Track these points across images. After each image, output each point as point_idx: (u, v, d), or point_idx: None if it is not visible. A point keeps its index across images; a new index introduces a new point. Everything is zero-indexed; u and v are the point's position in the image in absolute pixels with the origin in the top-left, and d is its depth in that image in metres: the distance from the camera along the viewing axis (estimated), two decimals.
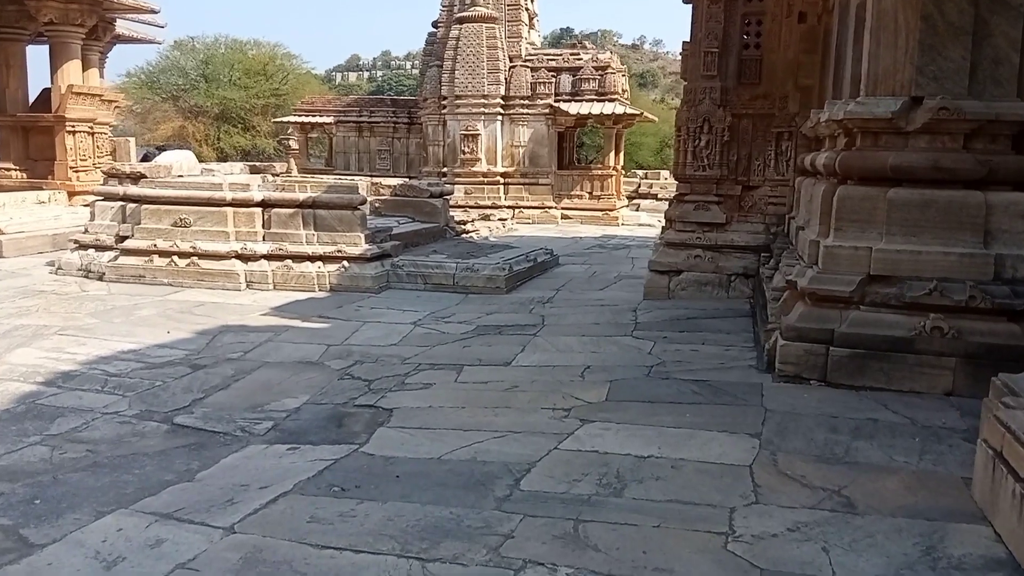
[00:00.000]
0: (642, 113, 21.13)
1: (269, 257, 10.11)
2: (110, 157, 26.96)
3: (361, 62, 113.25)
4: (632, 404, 5.30)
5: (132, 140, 30.08)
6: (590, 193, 21.12)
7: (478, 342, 7.34)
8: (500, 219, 18.70)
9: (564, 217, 20.83)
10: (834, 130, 6.13)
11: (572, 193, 21.13)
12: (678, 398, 5.40)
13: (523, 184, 21.17)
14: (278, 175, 13.29)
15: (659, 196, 25.85)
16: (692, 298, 8.97)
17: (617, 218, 20.72)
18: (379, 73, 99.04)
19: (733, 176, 9.08)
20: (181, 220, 10.19)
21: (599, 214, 20.76)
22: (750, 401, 5.31)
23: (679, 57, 10.07)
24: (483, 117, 20.93)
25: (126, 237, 10.52)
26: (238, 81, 39.17)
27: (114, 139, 29.03)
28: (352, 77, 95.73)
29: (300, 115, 25.65)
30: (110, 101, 19.16)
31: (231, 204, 10.16)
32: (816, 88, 8.57)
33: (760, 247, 8.87)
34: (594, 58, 21.00)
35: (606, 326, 7.86)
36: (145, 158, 25.10)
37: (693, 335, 7.30)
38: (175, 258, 10.05)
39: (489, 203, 20.87)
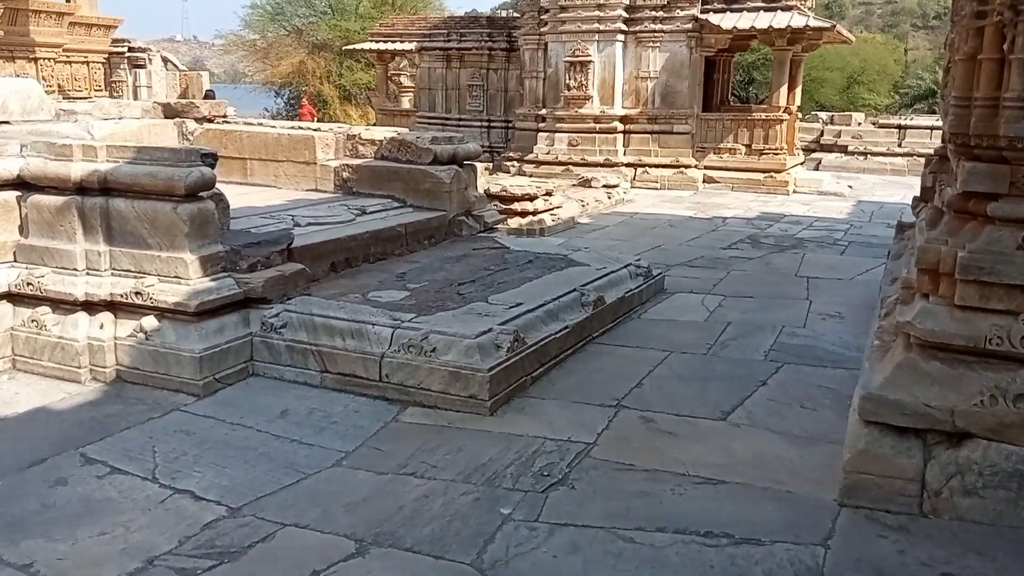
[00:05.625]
0: (834, 27, 14.21)
1: (14, 297, 4.83)
2: (180, 95, 22.99)
3: None
4: None
5: (205, 75, 26.12)
6: (748, 146, 14.58)
7: None
8: (607, 186, 12.66)
9: (708, 180, 14.48)
10: None
11: (721, 146, 14.67)
12: None
13: (651, 133, 14.93)
14: (206, 120, 8.09)
15: (849, 149, 18.80)
16: (999, 528, 2.86)
17: (787, 183, 14.14)
18: None
19: None
20: None
21: (760, 176, 14.26)
22: None
23: None
24: (597, 37, 14.76)
25: None
26: (365, 12, 34.97)
27: (186, 74, 25.12)
28: None
29: (377, 40, 20.35)
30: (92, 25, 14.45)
31: None
32: None
33: None
34: None
35: None
36: (207, 96, 20.79)
37: None
38: None
39: (601, 159, 14.83)
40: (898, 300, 3.83)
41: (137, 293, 4.56)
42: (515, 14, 18.63)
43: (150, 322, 4.54)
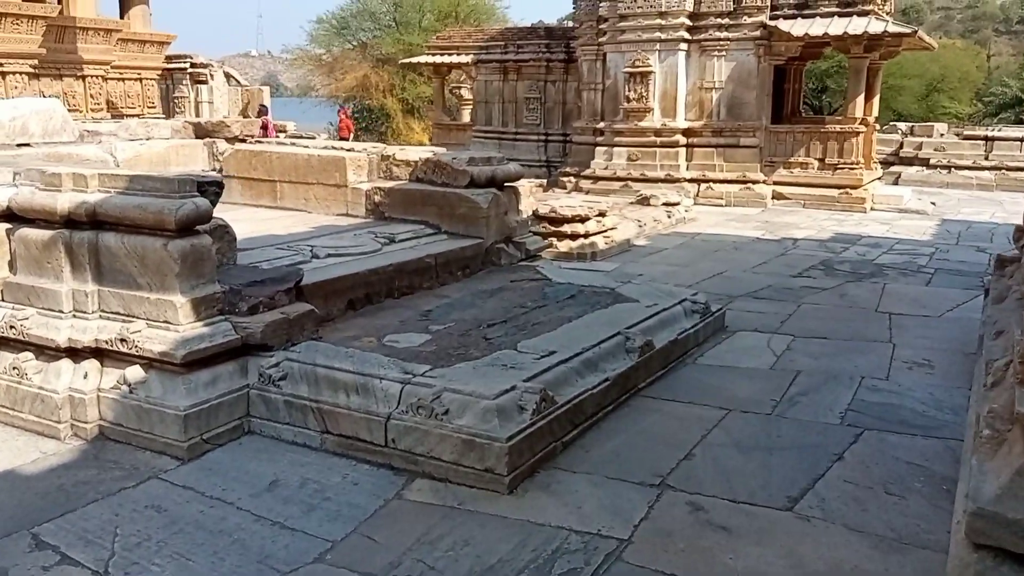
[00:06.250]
0: (915, 32, 13.20)
1: None
2: (242, 111, 23.17)
3: None
4: None
5: (267, 90, 26.24)
6: (822, 160, 13.66)
7: None
8: (667, 204, 11.92)
9: (777, 197, 13.61)
10: None
11: (792, 160, 13.79)
12: None
13: (715, 147, 14.12)
14: (237, 140, 7.69)
15: (931, 162, 17.62)
16: None
17: (864, 200, 13.19)
18: None
19: None
20: None
21: (834, 193, 13.34)
22: None
23: None
24: (659, 46, 14.04)
25: None
26: (429, 26, 34.99)
27: (248, 89, 25.27)
28: None
29: (434, 53, 20.01)
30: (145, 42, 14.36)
31: None
32: None
33: None
34: None
35: None
36: (260, 112, 20.73)
37: None
38: None
39: (662, 175, 14.09)
40: (1009, 367, 3.09)
41: (122, 340, 4.08)
42: (573, 24, 18.02)
43: (135, 373, 4.06)
